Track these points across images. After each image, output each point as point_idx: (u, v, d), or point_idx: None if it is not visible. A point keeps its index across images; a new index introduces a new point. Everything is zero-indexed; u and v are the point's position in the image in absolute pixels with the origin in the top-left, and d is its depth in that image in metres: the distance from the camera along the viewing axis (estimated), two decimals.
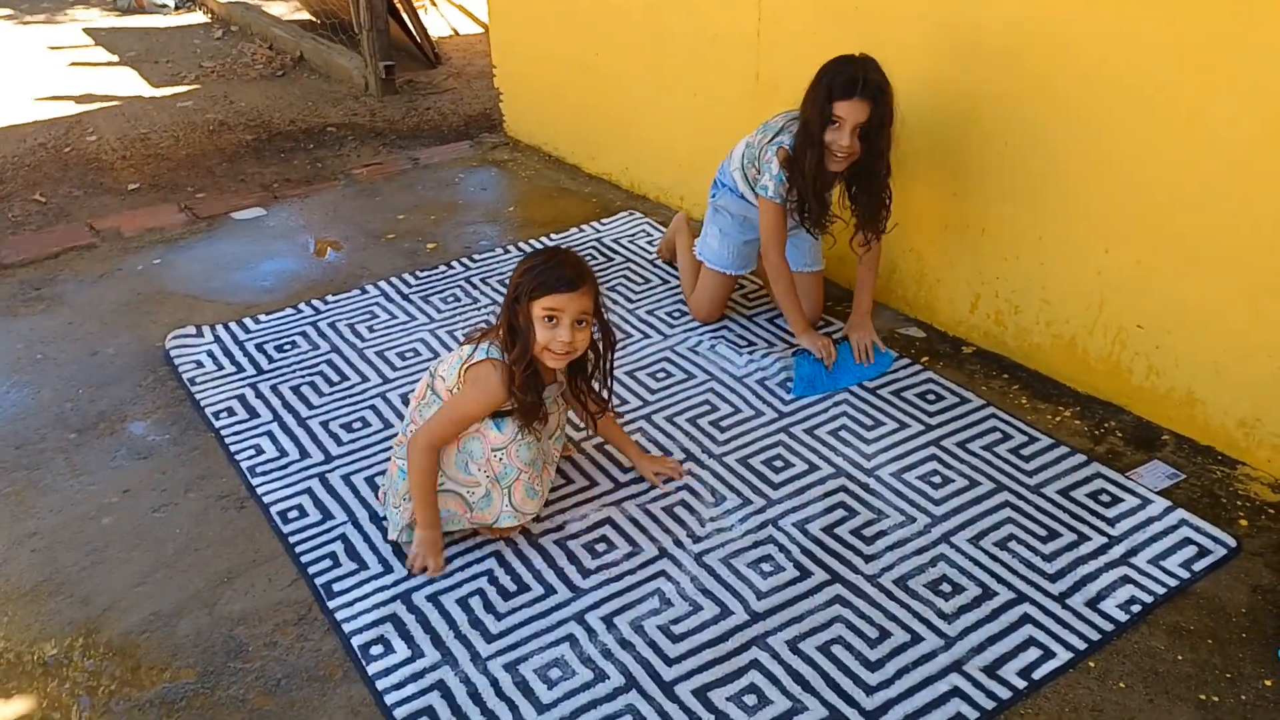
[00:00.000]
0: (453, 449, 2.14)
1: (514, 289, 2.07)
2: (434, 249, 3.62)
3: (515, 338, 2.08)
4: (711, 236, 3.00)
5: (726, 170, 2.94)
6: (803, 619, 2.04)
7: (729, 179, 2.92)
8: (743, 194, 2.88)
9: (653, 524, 2.30)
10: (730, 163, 2.93)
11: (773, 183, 2.68)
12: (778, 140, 2.68)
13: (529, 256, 2.11)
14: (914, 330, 3.04)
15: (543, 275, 2.04)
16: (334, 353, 2.97)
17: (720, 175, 2.98)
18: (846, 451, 2.52)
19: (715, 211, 2.98)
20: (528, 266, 2.07)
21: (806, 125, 2.58)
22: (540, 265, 2.05)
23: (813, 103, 2.55)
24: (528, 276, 2.05)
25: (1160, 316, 2.47)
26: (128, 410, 2.75)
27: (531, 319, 2.05)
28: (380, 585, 2.15)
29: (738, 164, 2.87)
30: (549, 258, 2.07)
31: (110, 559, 2.25)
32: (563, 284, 2.03)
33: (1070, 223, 2.58)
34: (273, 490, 2.43)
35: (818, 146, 2.57)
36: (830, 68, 2.55)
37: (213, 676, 1.96)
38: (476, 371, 2.10)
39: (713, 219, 2.99)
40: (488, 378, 2.08)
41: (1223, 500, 2.33)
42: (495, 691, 1.91)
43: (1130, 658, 1.94)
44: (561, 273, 2.04)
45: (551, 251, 2.11)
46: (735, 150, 2.91)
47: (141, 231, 3.80)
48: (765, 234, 2.77)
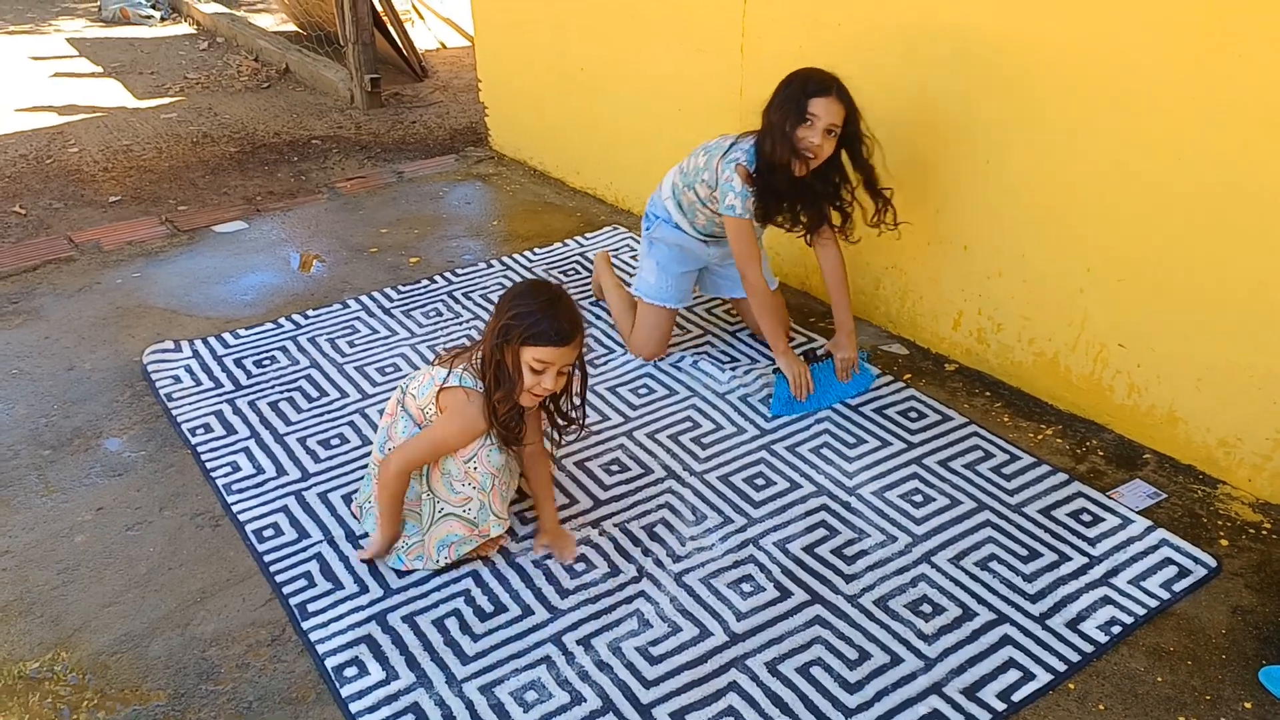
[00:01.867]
0: (435, 473, 2.12)
1: (504, 328, 2.00)
2: (416, 263, 3.60)
3: (499, 374, 2.03)
4: (648, 271, 2.93)
5: (658, 202, 2.92)
6: (782, 640, 2.03)
7: (661, 210, 2.90)
8: (678, 224, 2.87)
9: (631, 544, 2.28)
10: (660, 193, 2.91)
11: (738, 200, 2.62)
12: (731, 158, 2.63)
13: (524, 295, 2.02)
14: (897, 347, 3.03)
15: (540, 326, 1.98)
16: (313, 368, 2.95)
17: (651, 208, 2.95)
18: (828, 470, 2.50)
19: (651, 245, 2.93)
20: (523, 309, 1.99)
21: (777, 125, 2.51)
22: (537, 313, 1.98)
23: (785, 101, 2.50)
24: (522, 321, 1.98)
25: (1142, 335, 2.47)
26: (103, 426, 2.72)
27: (519, 363, 2.01)
28: (355, 605, 2.12)
29: (669, 193, 2.86)
30: (547, 305, 1.99)
31: (82, 578, 2.22)
32: (559, 339, 1.99)
33: (1053, 241, 2.58)
34: (248, 508, 2.40)
35: (788, 142, 2.51)
36: (801, 72, 2.52)
37: (184, 699, 1.93)
38: (454, 401, 2.06)
39: (649, 253, 2.94)
40: (466, 410, 2.05)
41: (1203, 520, 2.32)
42: (470, 715, 1.88)
43: (1110, 679, 1.93)
44: (559, 326, 1.99)
45: (548, 296, 2.02)
46: (665, 181, 2.90)
47: (122, 244, 3.77)
48: (739, 252, 2.70)
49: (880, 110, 2.62)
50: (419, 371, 2.21)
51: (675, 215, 2.86)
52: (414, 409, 2.13)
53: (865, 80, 2.55)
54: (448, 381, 2.07)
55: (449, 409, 2.07)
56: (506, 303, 2.03)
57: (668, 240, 2.89)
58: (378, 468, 2.17)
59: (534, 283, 2.07)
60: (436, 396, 2.08)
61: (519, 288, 2.06)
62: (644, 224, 2.97)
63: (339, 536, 2.30)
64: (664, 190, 2.89)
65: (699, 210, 2.80)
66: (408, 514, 2.19)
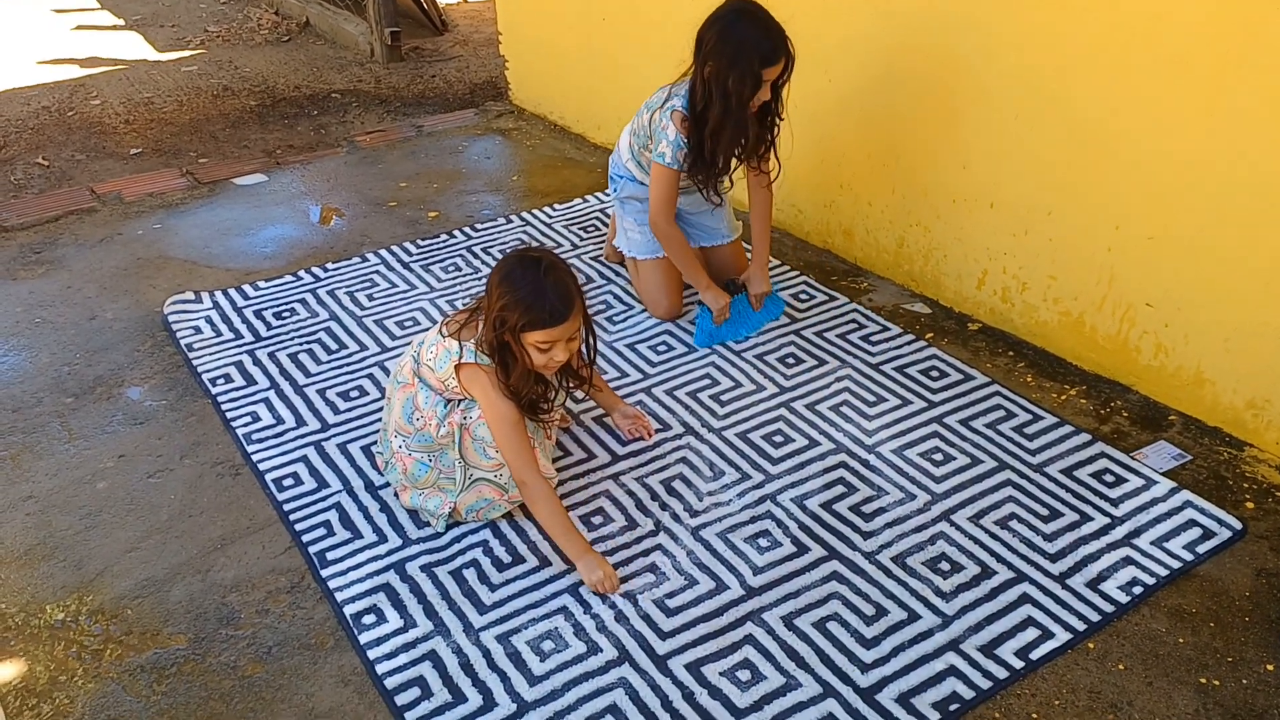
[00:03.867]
0: (468, 439, 2.11)
1: (499, 318, 1.96)
2: (435, 217, 3.58)
3: (508, 359, 2.01)
4: (631, 230, 2.90)
5: (619, 163, 2.92)
6: (799, 595, 2.02)
7: (623, 170, 2.89)
8: (641, 181, 2.85)
9: (649, 498, 2.27)
10: (620, 155, 2.91)
11: (670, 149, 2.60)
12: (669, 106, 2.60)
13: (510, 278, 1.96)
14: (919, 306, 3.00)
15: (532, 311, 1.94)
16: (332, 320, 2.95)
17: (614, 170, 2.95)
18: (847, 428, 2.49)
19: (623, 205, 2.91)
20: (512, 296, 1.94)
21: (733, 97, 2.47)
22: (526, 298, 1.94)
23: (740, 75, 2.45)
24: (514, 309, 1.94)
25: (1170, 294, 2.43)
26: (125, 375, 2.73)
27: (524, 347, 1.99)
28: (374, 555, 2.13)
29: (628, 155, 2.85)
30: (534, 287, 1.94)
31: (104, 524, 2.24)
32: (555, 319, 1.96)
33: (1081, 197, 2.53)
34: (268, 458, 2.41)
35: (739, 113, 2.50)
36: (745, 34, 2.45)
37: (204, 643, 1.95)
38: (478, 382, 2.04)
39: (624, 214, 2.91)
40: (485, 385, 2.03)
41: (1229, 482, 2.29)
42: (487, 663, 1.89)
43: (1130, 639, 1.92)
44: (552, 307, 1.94)
45: (535, 276, 1.95)
46: (622, 142, 2.89)
47: (143, 196, 3.77)
48: (656, 200, 2.67)
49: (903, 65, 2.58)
50: (428, 337, 2.15)
51: (637, 174, 2.86)
52: (434, 381, 2.11)
53: (887, 36, 2.51)
54: (463, 358, 2.04)
55: (480, 392, 2.05)
56: (495, 288, 1.98)
57: (636, 196, 2.87)
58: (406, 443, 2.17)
59: (519, 258, 2.00)
60: (456, 372, 2.06)
61: (505, 268, 1.99)
62: (610, 187, 2.96)
63: (358, 487, 2.31)
64: (622, 152, 2.89)
65: None
66: (438, 489, 2.17)
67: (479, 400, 2.06)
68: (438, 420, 2.10)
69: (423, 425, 2.13)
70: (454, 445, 2.10)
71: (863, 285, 3.11)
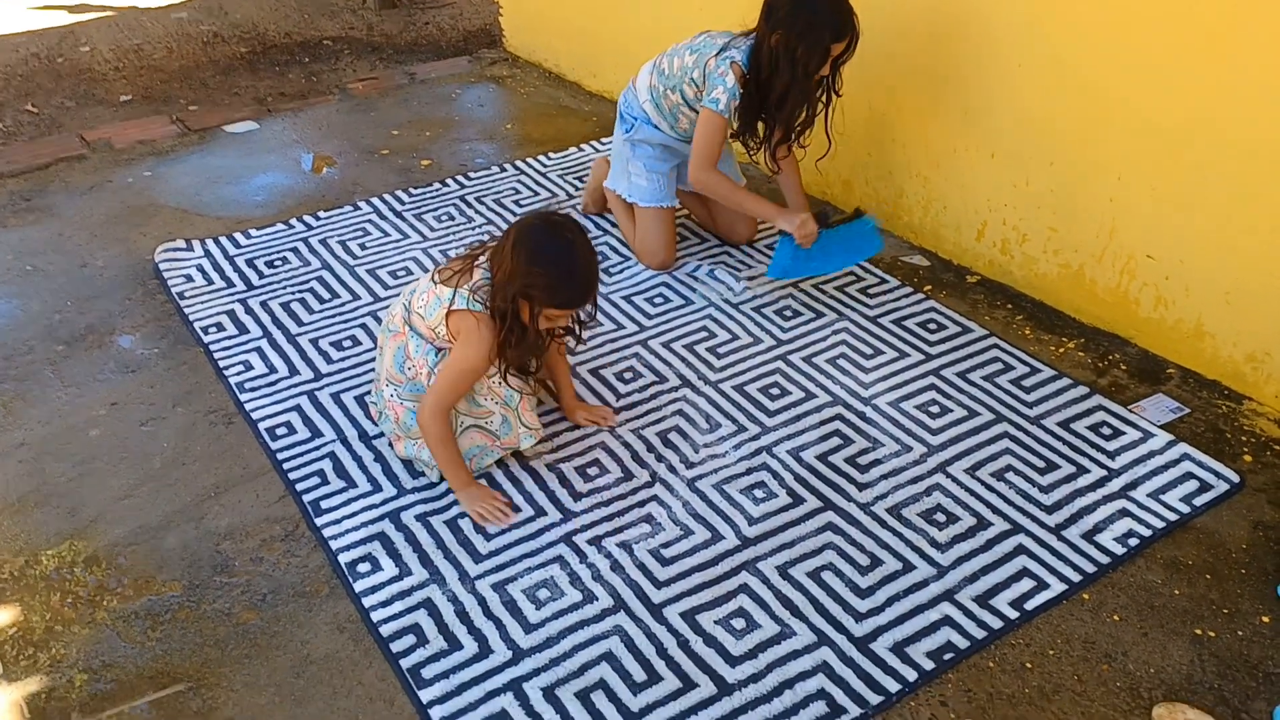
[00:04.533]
0: None
1: (523, 288, 1.92)
2: (428, 166, 3.53)
3: (512, 325, 1.98)
4: (637, 175, 2.83)
5: (633, 104, 2.82)
6: (794, 545, 2.02)
7: (638, 112, 2.81)
8: (657, 125, 2.79)
9: (646, 450, 2.26)
10: (636, 95, 2.82)
11: (725, 95, 2.55)
12: (727, 56, 2.55)
13: (541, 254, 1.90)
14: (918, 259, 2.97)
15: (559, 294, 1.93)
16: (325, 270, 2.92)
17: (627, 109, 2.84)
18: (844, 380, 2.47)
19: (634, 148, 2.82)
20: (543, 275, 1.91)
21: (800, 67, 2.47)
22: (556, 279, 1.92)
23: (810, 48, 2.44)
24: (540, 290, 1.92)
25: (1172, 246, 2.40)
26: (116, 323, 2.71)
27: (535, 317, 1.97)
28: (368, 504, 2.12)
29: (646, 96, 2.77)
30: (567, 267, 1.92)
31: (97, 471, 2.23)
32: (580, 301, 1.98)
33: (1084, 147, 2.49)
34: (261, 406, 2.39)
35: (805, 84, 2.51)
36: (819, 7, 2.44)
37: (198, 590, 1.94)
38: (464, 327, 2.00)
39: (633, 156, 2.83)
40: (479, 335, 1.99)
41: (1227, 435, 2.29)
42: (483, 610, 1.89)
43: (1126, 591, 1.92)
44: (579, 289, 1.95)
45: (564, 253, 1.93)
46: (640, 82, 2.80)
47: (133, 143, 3.72)
48: (703, 148, 2.61)
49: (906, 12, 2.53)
50: (418, 285, 2.12)
51: (654, 117, 2.79)
52: (424, 329, 2.08)
53: None
54: (454, 304, 2.01)
55: (462, 336, 2.02)
56: (519, 260, 1.92)
57: (650, 140, 2.81)
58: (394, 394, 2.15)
59: (546, 231, 1.95)
60: (445, 318, 2.03)
61: (530, 240, 1.93)
62: (620, 126, 2.86)
63: (352, 437, 2.30)
64: (640, 92, 2.80)
65: (682, 113, 2.75)
66: None
67: (458, 341, 2.02)
68: (429, 369, 2.08)
69: (414, 374, 2.12)
70: None
71: None
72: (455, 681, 1.76)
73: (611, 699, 1.73)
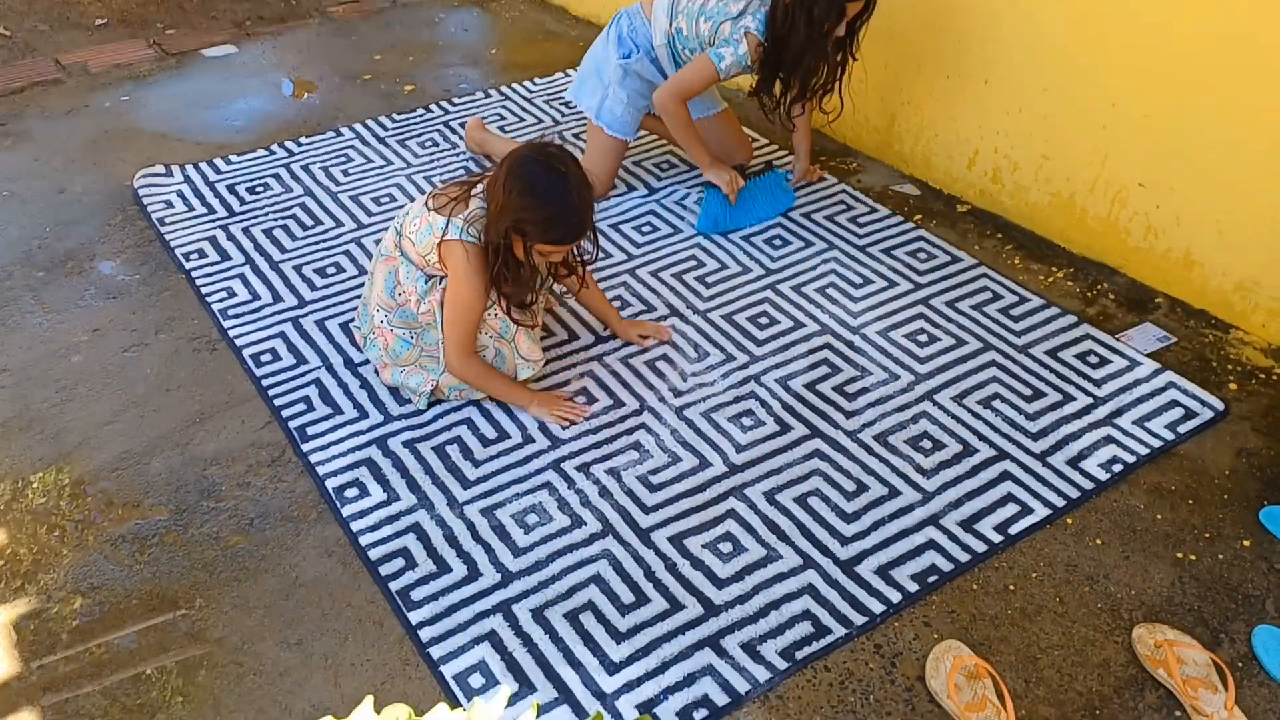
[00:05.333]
0: None
1: (517, 223, 1.90)
2: (412, 91, 3.46)
3: (507, 261, 1.96)
4: (616, 102, 2.72)
5: (644, 38, 2.68)
6: (781, 471, 2.03)
7: (645, 44, 2.68)
8: (664, 70, 2.71)
9: (634, 378, 2.26)
10: (651, 32, 2.66)
11: (731, 60, 2.50)
12: (743, 24, 2.49)
13: (537, 188, 1.88)
14: (909, 188, 2.94)
15: (555, 230, 1.92)
16: (307, 196, 2.87)
17: (632, 36, 2.69)
18: (833, 309, 2.46)
19: (625, 75, 2.71)
20: (537, 211, 1.89)
21: (816, 25, 2.43)
22: (552, 215, 1.90)
23: (826, 5, 2.40)
24: (535, 225, 1.90)
25: (1164, 174, 2.38)
26: (96, 249, 2.66)
27: (531, 253, 1.96)
28: (355, 430, 2.11)
29: (663, 41, 2.65)
30: (560, 204, 1.90)
31: (80, 397, 2.21)
32: (575, 236, 1.97)
33: (1078, 73, 2.46)
34: (245, 333, 2.37)
35: (821, 43, 2.47)
36: None
37: (185, 514, 1.94)
38: (456, 260, 1.97)
39: (621, 82, 2.71)
40: (470, 268, 1.96)
41: (1213, 364, 2.29)
42: (472, 535, 1.90)
43: (1109, 516, 1.94)
44: (575, 225, 1.94)
45: (560, 188, 1.90)
46: (657, 21, 2.64)
47: (109, 68, 3.63)
48: (684, 83, 2.57)
49: None
50: (413, 209, 2.09)
51: (664, 63, 2.69)
52: (414, 255, 2.04)
53: None
54: (447, 233, 1.97)
55: (453, 271, 1.99)
56: (513, 193, 1.89)
57: (643, 75, 2.73)
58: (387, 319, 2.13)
59: (542, 165, 1.92)
60: (437, 247, 2.00)
61: (526, 173, 1.90)
62: (619, 48, 2.70)
63: (337, 364, 2.28)
64: (656, 34, 2.66)
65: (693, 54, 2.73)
66: (420, 367, 2.14)
67: (450, 275, 2.00)
68: (418, 297, 2.06)
69: (404, 300, 2.09)
70: (435, 325, 2.06)
71: (852, 166, 3.05)
72: (444, 604, 1.78)
73: (600, 620, 1.75)
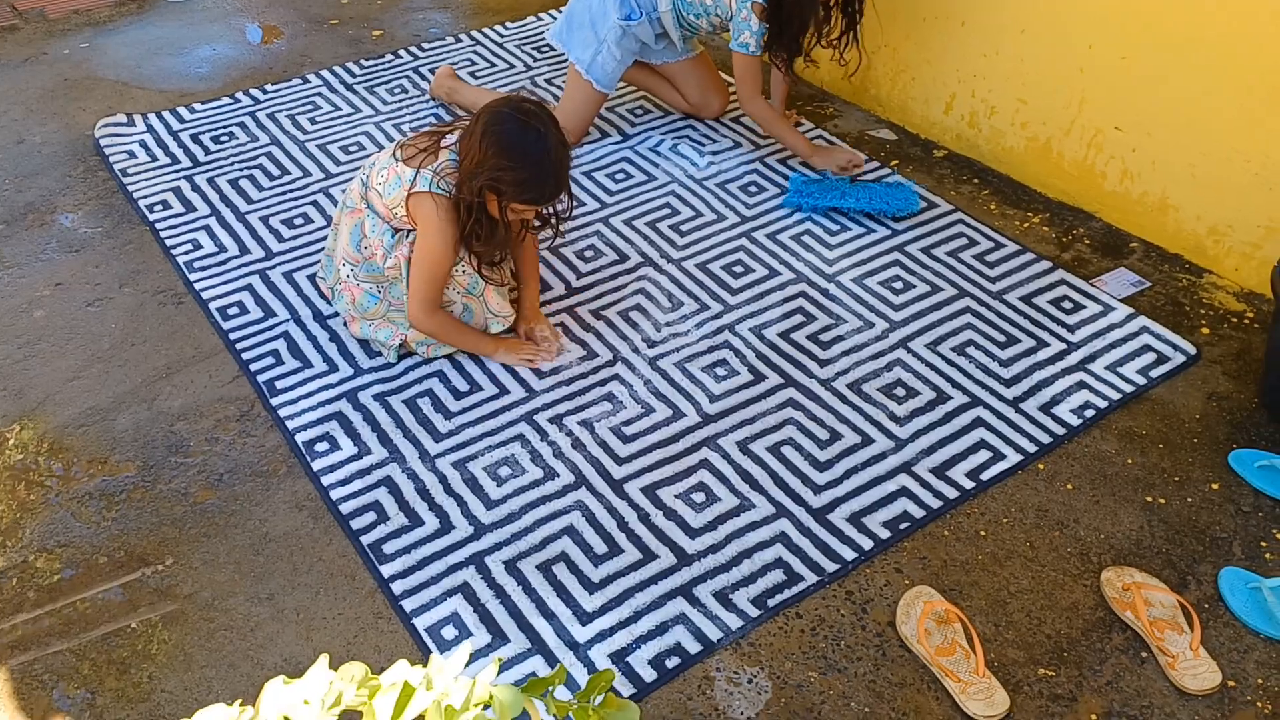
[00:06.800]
0: None
1: (490, 183, 1.86)
2: (380, 36, 3.38)
3: (480, 219, 1.93)
4: (610, 59, 2.68)
5: (653, 3, 2.64)
6: (754, 421, 2.02)
7: (649, 7, 2.64)
8: (665, 33, 2.70)
9: (607, 328, 2.24)
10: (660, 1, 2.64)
11: (754, 38, 2.53)
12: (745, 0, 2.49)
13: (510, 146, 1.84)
14: (885, 133, 2.91)
15: (530, 189, 1.89)
16: (274, 145, 2.81)
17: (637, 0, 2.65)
18: (808, 257, 2.44)
19: (623, 35, 2.67)
20: (513, 171, 1.85)
21: None
22: (528, 175, 1.87)
23: None
24: (511, 185, 1.87)
25: (1140, 118, 2.36)
26: (57, 201, 2.61)
27: (504, 210, 1.92)
28: (325, 384, 2.09)
29: (668, 7, 2.62)
30: (536, 164, 1.87)
31: (43, 352, 2.17)
32: (551, 195, 1.94)
33: (1055, 14, 2.42)
34: (212, 286, 2.33)
35: None
36: None
37: (153, 470, 1.92)
38: (424, 213, 1.93)
39: (619, 41, 2.67)
40: (439, 221, 1.93)
41: (1186, 308, 2.30)
42: (444, 488, 1.89)
43: (1080, 460, 1.95)
44: (556, 182, 1.92)
45: (537, 147, 1.87)
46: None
47: (67, 13, 3.52)
48: (745, 83, 2.62)
49: None
50: (379, 160, 2.04)
51: (669, 28, 2.67)
52: (380, 207, 2.00)
53: None
54: (416, 185, 1.93)
55: (421, 223, 1.95)
56: (489, 151, 1.85)
57: (642, 38, 2.69)
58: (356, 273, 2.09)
59: (517, 122, 1.87)
60: (405, 200, 1.95)
61: (502, 131, 1.86)
62: (619, 8, 2.65)
63: (306, 316, 2.25)
64: (661, 1, 2.62)
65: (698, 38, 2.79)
66: (388, 321, 2.10)
67: (420, 229, 1.97)
68: (384, 250, 2.02)
69: (369, 254, 2.05)
70: (402, 279, 2.03)
71: (828, 110, 3.01)
72: (416, 556, 1.77)
73: (573, 570, 1.75)
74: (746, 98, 2.66)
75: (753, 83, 2.63)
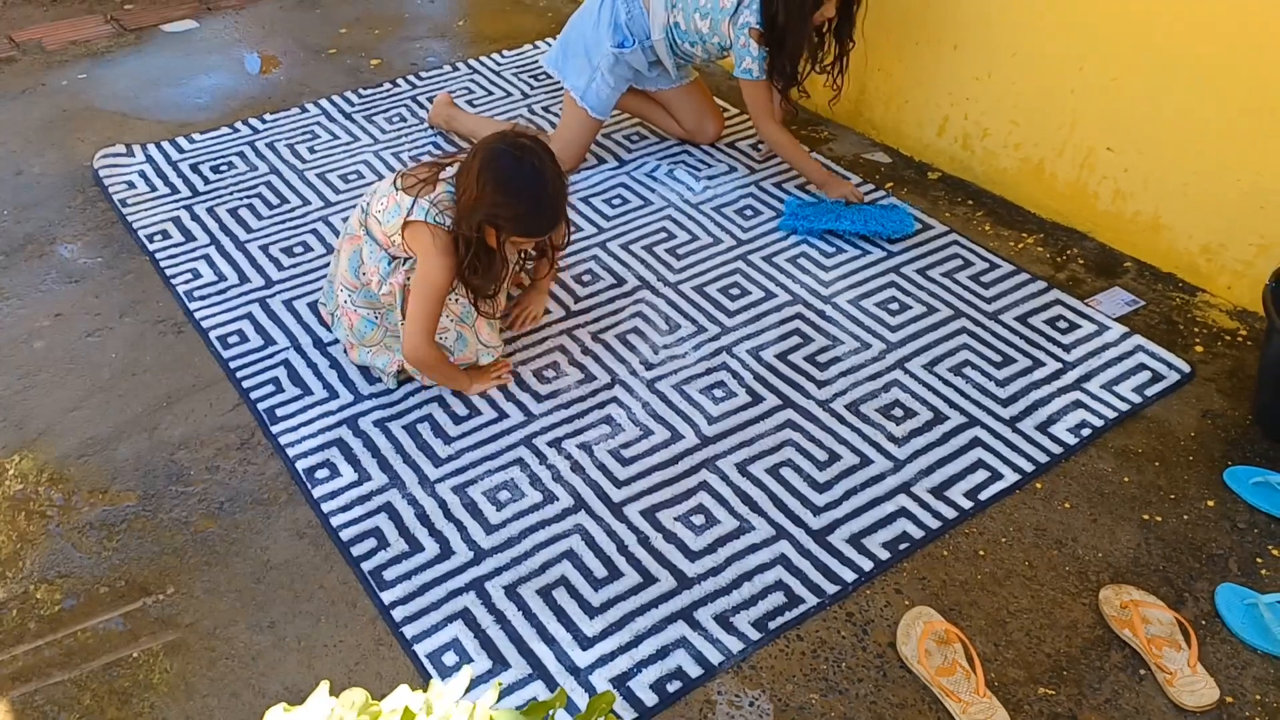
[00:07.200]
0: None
1: (488, 218, 1.90)
2: (378, 65, 3.42)
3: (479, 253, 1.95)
4: (604, 86, 2.71)
5: (641, 26, 2.64)
6: (753, 443, 2.03)
7: (641, 34, 2.65)
8: (659, 61, 2.72)
9: (605, 351, 2.25)
10: (650, 26, 2.63)
11: (755, 63, 2.55)
12: (744, 21, 2.49)
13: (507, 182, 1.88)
14: (880, 155, 2.94)
15: (527, 223, 1.94)
16: (273, 174, 2.83)
17: (630, 24, 2.64)
18: (804, 279, 2.46)
19: (616, 63, 2.69)
20: (509, 207, 1.89)
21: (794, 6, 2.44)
22: (525, 210, 1.91)
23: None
24: (509, 221, 1.91)
25: (1132, 138, 2.39)
26: (56, 232, 2.62)
27: (503, 245, 1.96)
28: (325, 411, 2.10)
29: (661, 36, 2.63)
30: (532, 199, 1.91)
31: (44, 383, 2.18)
32: (547, 229, 2.00)
33: (1046, 37, 2.45)
34: (212, 315, 2.34)
35: (801, 25, 2.48)
36: None
37: (154, 499, 1.93)
38: (421, 243, 1.95)
39: (612, 69, 2.69)
40: (435, 251, 1.94)
41: (1180, 327, 2.31)
42: (444, 513, 1.90)
43: (1077, 479, 1.96)
44: (548, 218, 1.97)
45: (533, 183, 1.90)
46: (656, 16, 2.61)
47: (65, 44, 3.55)
48: (757, 109, 2.64)
49: None
50: (380, 188, 2.06)
51: (662, 56, 2.69)
52: (379, 234, 2.02)
53: None
54: (413, 214, 1.95)
55: (420, 253, 1.96)
56: (486, 188, 1.88)
57: (634, 65, 2.72)
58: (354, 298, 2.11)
59: (513, 157, 1.90)
60: (402, 229, 1.97)
61: (499, 167, 1.89)
62: (613, 35, 2.66)
63: (306, 344, 2.26)
64: (654, 29, 2.63)
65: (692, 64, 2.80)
66: (385, 347, 2.12)
67: (419, 259, 1.98)
68: (380, 278, 2.03)
69: (367, 280, 2.07)
70: (397, 306, 2.04)
71: (823, 134, 3.04)
72: (417, 582, 1.77)
73: (573, 594, 1.75)
74: (760, 123, 2.68)
75: (764, 107, 2.65)
